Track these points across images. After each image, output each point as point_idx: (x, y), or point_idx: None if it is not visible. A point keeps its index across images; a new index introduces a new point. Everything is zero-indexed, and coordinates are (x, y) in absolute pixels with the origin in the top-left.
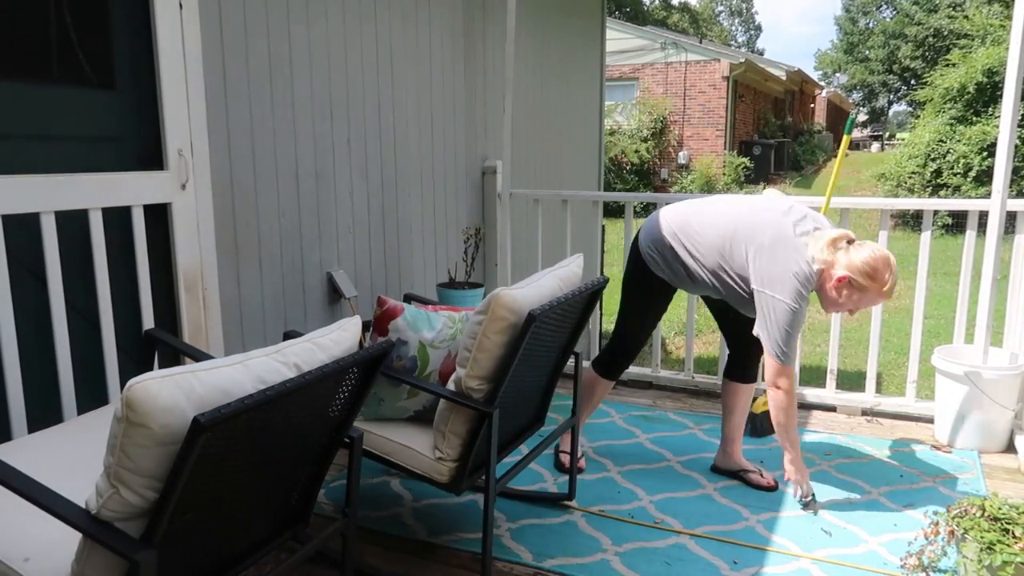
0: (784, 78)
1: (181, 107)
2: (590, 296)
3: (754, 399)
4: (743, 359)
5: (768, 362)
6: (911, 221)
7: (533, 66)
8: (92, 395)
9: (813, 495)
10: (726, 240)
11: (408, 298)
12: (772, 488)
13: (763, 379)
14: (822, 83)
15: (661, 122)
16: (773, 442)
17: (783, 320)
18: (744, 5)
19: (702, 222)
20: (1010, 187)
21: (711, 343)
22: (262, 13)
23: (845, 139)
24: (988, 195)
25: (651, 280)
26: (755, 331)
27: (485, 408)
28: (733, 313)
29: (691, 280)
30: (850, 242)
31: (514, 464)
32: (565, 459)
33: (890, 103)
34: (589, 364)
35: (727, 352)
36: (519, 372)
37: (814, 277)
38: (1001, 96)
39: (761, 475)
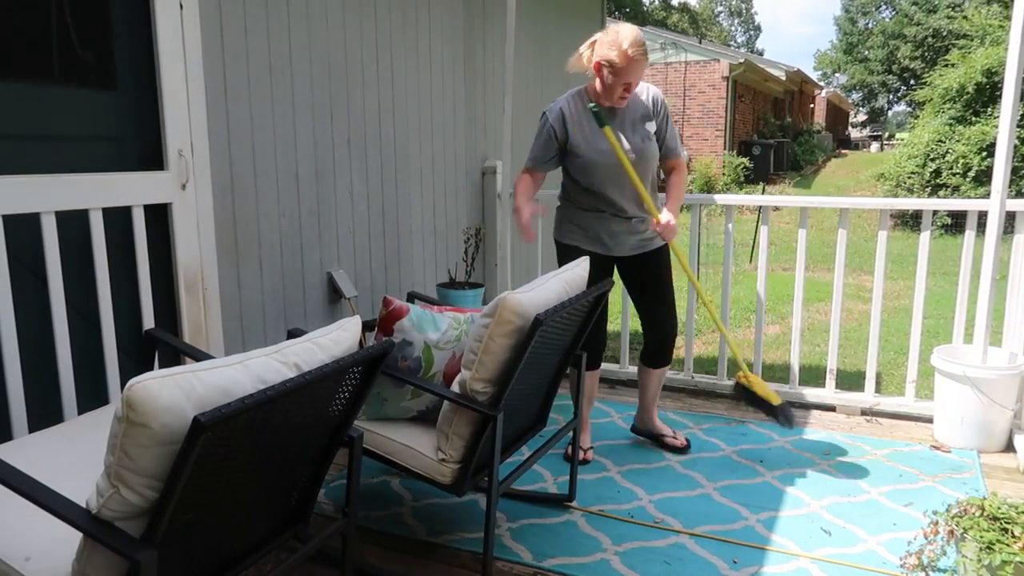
0: (784, 78)
1: (181, 107)
2: (595, 299)
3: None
4: (654, 345)
5: None
6: (910, 221)
7: (533, 66)
8: (92, 395)
9: None
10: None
11: (412, 297)
12: (685, 447)
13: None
14: (821, 83)
15: None
16: (774, 440)
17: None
18: (744, 5)
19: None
20: (1009, 187)
21: (711, 343)
22: (262, 13)
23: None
24: (987, 195)
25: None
26: None
27: (489, 411)
28: (650, 294)
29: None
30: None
31: (517, 466)
32: (672, 441)
33: (889, 103)
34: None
35: (644, 339)
36: (523, 375)
37: (582, 93)
38: (1000, 96)
39: (675, 437)
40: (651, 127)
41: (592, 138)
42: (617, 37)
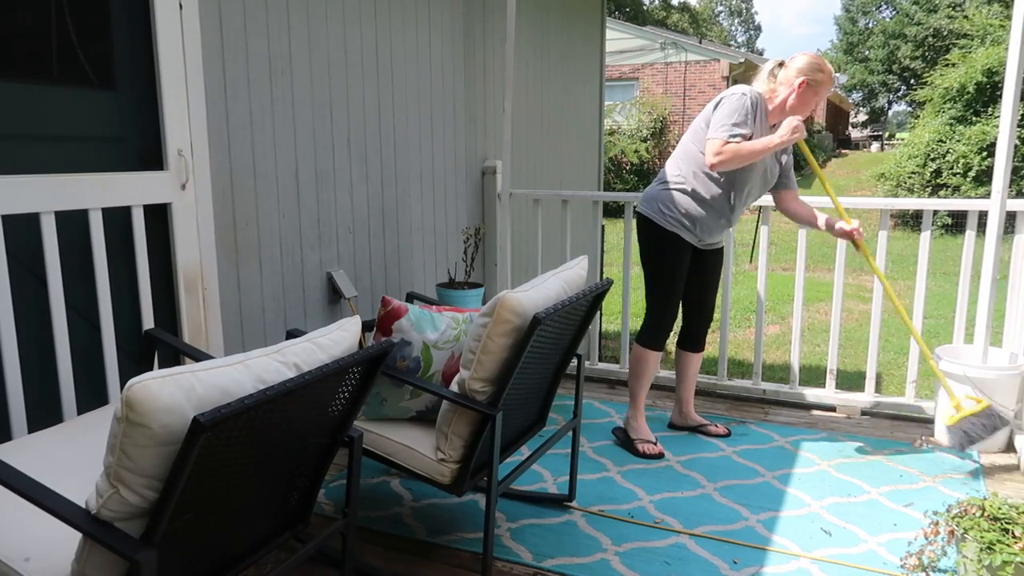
0: None
1: (181, 107)
2: (594, 299)
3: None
4: (697, 331)
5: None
6: (911, 221)
7: (533, 66)
8: (92, 395)
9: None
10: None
11: (411, 297)
12: (726, 434)
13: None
14: None
15: (661, 122)
16: (774, 440)
17: (727, 110)
18: (744, 5)
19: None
20: (1010, 187)
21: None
22: (262, 13)
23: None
24: (988, 195)
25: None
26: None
27: (488, 410)
28: (697, 284)
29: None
30: (780, 65)
31: (516, 465)
32: (712, 428)
33: (890, 103)
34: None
35: (683, 324)
36: (522, 374)
37: (758, 100)
38: (1001, 96)
39: (716, 426)
40: (783, 158)
41: (762, 134)
42: (822, 63)
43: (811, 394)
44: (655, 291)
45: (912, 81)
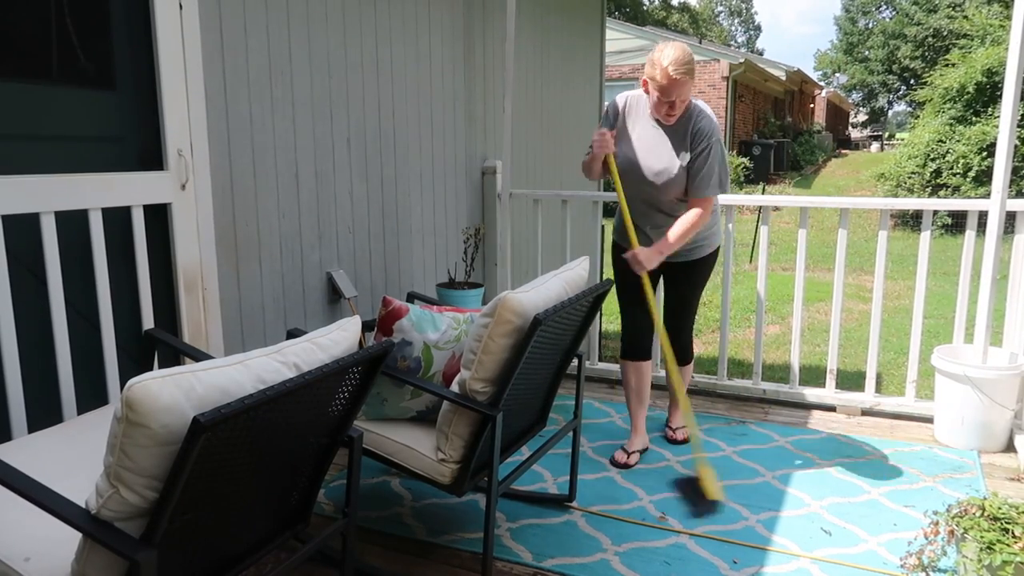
0: (784, 78)
1: (181, 107)
2: (594, 299)
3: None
4: (677, 345)
5: None
6: (911, 221)
7: (533, 66)
8: (92, 395)
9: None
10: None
11: (412, 297)
12: (683, 441)
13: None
14: (822, 83)
15: None
16: (774, 440)
17: None
18: (744, 5)
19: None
20: (1010, 187)
21: (711, 343)
22: (262, 13)
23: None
24: (988, 195)
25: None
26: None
27: (489, 411)
28: (676, 296)
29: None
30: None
31: (516, 466)
32: (670, 433)
33: (890, 103)
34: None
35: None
36: (523, 374)
37: (626, 100)
38: (1001, 96)
39: (673, 431)
40: (683, 158)
41: (626, 140)
42: (660, 55)
43: (811, 394)
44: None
45: (912, 81)
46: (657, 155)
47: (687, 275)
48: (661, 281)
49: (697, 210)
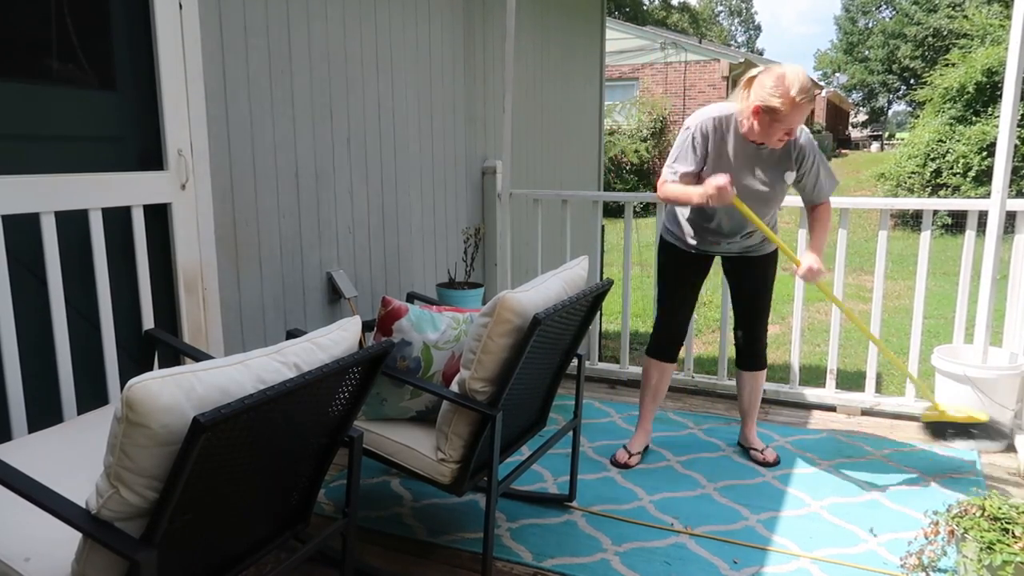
0: None
1: (181, 107)
2: (594, 299)
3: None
4: (741, 346)
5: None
6: (911, 221)
7: (533, 66)
8: (92, 395)
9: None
10: None
11: (411, 297)
12: (773, 463)
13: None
14: (822, 83)
15: (661, 122)
16: (774, 441)
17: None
18: (744, 5)
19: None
20: (1010, 187)
21: (711, 343)
22: (262, 13)
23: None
24: (988, 195)
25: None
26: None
27: (489, 410)
28: (735, 296)
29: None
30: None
31: (516, 465)
32: (759, 456)
33: (890, 103)
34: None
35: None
36: (523, 374)
37: (708, 130)
38: (1001, 96)
39: (763, 453)
40: (789, 177)
41: (720, 163)
42: (784, 82)
43: (811, 394)
44: (657, 295)
45: (912, 81)
46: (759, 176)
47: (763, 269)
48: (725, 284)
49: (830, 210)
